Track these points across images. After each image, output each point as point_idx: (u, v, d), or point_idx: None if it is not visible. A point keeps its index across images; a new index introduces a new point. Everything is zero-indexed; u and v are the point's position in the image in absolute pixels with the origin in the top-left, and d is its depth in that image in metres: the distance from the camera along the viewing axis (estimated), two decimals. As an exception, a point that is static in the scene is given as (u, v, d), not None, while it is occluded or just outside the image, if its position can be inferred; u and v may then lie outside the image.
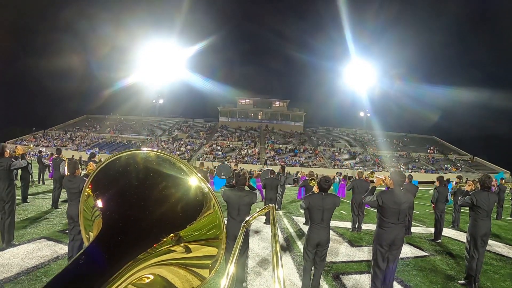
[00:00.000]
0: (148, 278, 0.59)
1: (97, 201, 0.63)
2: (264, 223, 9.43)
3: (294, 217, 10.86)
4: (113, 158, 0.64)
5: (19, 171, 9.96)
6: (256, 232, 8.31)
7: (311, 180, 9.72)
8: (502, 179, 13.66)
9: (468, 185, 6.15)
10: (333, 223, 4.83)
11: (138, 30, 59.02)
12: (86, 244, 0.60)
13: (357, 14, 70.17)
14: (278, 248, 0.68)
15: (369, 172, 9.25)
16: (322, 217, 4.48)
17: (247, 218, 0.88)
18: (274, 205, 0.91)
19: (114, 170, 0.64)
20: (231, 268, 0.69)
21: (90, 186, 0.64)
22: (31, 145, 22.84)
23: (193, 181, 0.63)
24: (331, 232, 7.04)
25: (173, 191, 0.62)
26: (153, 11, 68.86)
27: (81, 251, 0.54)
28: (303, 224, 9.55)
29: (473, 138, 63.01)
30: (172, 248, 0.61)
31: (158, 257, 0.59)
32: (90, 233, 0.63)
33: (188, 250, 0.63)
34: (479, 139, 64.98)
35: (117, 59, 61.92)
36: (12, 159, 6.06)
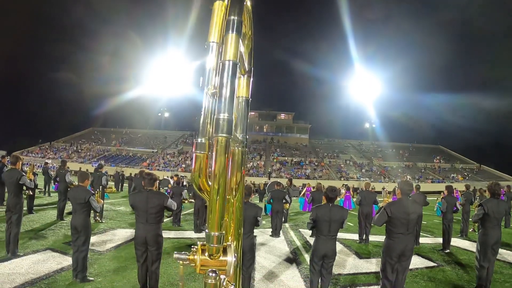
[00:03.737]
0: None
1: None
2: (270, 235, 9.37)
3: (300, 229, 10.77)
4: None
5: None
6: (263, 244, 8.25)
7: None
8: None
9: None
10: (340, 235, 4.78)
11: (144, 43, 59.73)
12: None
13: (361, 25, 70.46)
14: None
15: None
16: (329, 229, 4.40)
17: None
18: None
19: None
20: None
21: None
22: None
23: None
24: (338, 244, 6.98)
25: None
26: (160, 25, 69.70)
27: None
28: (310, 236, 9.45)
29: (479, 146, 61.90)
30: None
31: None
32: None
33: None
34: (485, 147, 64.07)
35: (122, 73, 62.39)
36: (23, 172, 6.38)
